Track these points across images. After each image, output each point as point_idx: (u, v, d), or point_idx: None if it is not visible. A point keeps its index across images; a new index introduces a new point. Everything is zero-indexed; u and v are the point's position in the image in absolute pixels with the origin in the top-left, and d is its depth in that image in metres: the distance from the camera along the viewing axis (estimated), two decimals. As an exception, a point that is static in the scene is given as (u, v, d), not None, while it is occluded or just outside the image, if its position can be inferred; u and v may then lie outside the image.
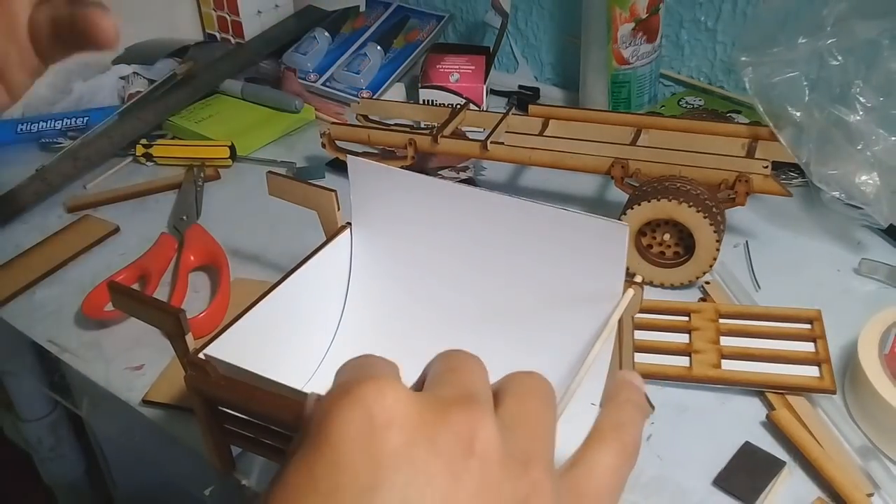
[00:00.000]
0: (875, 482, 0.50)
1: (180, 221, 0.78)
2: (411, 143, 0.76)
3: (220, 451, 0.51)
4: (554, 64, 1.04)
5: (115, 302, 0.50)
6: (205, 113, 0.97)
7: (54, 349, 0.65)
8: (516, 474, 0.25)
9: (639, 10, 0.85)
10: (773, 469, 0.51)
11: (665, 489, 0.50)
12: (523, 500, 0.25)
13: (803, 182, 0.76)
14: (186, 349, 0.47)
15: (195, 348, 0.47)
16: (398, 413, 0.24)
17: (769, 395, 0.55)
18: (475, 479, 0.24)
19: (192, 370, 0.47)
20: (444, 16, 1.05)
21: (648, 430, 0.54)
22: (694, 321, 0.60)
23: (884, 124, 0.63)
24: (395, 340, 0.55)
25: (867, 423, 0.53)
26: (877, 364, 0.54)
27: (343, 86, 1.00)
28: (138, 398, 0.59)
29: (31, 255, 0.75)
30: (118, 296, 0.49)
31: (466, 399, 0.26)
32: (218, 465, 0.52)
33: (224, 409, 0.49)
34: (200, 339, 0.49)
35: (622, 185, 0.70)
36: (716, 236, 0.63)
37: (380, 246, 0.57)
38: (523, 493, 0.25)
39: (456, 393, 0.26)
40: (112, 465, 0.99)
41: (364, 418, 0.24)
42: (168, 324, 0.47)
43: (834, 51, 0.65)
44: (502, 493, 0.24)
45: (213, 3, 1.09)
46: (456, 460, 0.24)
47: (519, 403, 0.28)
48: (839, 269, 0.68)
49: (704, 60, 0.93)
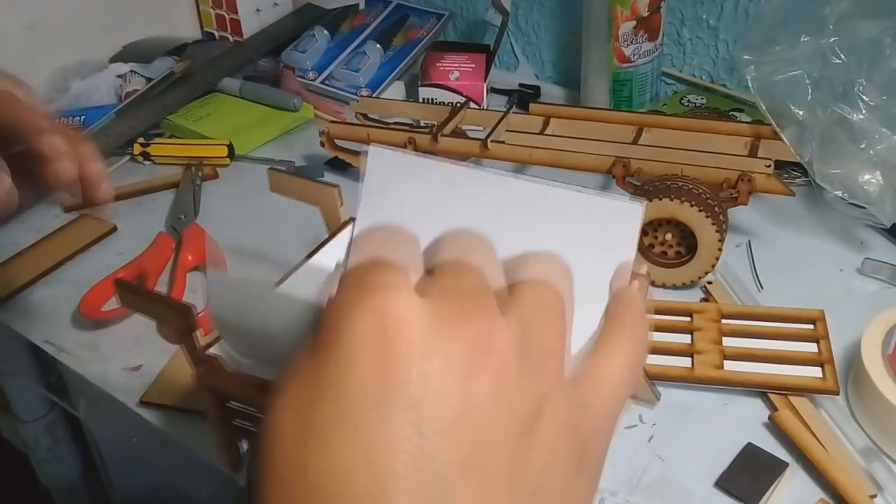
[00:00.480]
0: (878, 484, 0.49)
1: (178, 221, 0.77)
2: (411, 141, 0.76)
3: (228, 449, 0.51)
4: (555, 62, 1.03)
5: (121, 299, 0.50)
6: (203, 111, 0.96)
7: (51, 349, 0.64)
8: (532, 382, 0.24)
9: (640, 8, 0.85)
10: (775, 470, 0.50)
11: (667, 490, 0.50)
12: (537, 408, 0.24)
13: (806, 181, 0.76)
14: (195, 345, 0.47)
15: (204, 344, 0.47)
16: (412, 318, 0.23)
17: (771, 396, 0.55)
18: (490, 384, 0.23)
19: (202, 366, 0.47)
20: (444, 14, 1.05)
21: (650, 431, 0.54)
22: (696, 321, 0.60)
23: (887, 123, 0.63)
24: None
25: (870, 424, 0.53)
26: (880, 364, 0.53)
27: (342, 84, 1.00)
28: (136, 399, 0.59)
29: (28, 254, 0.75)
30: (125, 292, 0.49)
31: (480, 298, 0.25)
32: (226, 465, 0.52)
33: (233, 405, 0.49)
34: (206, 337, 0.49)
35: (623, 184, 0.70)
36: (718, 236, 0.63)
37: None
38: (537, 402, 0.24)
39: (468, 287, 0.25)
40: (109, 466, 0.99)
41: (376, 323, 0.23)
42: (177, 320, 0.47)
43: (837, 49, 0.64)
44: (516, 400, 0.24)
45: (211, 1, 1.09)
46: (471, 366, 0.23)
47: (535, 297, 0.27)
48: (842, 269, 0.68)
49: (707, 59, 0.92)
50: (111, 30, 1.04)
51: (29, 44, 0.98)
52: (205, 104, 0.98)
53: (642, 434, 0.54)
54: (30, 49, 0.98)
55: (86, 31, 1.02)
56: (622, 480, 0.51)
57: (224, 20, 1.09)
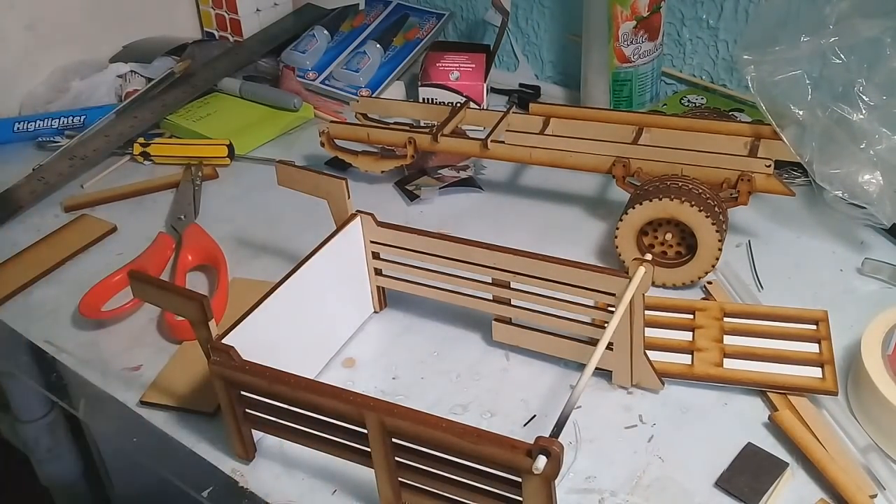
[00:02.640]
0: (879, 483, 0.49)
1: (178, 221, 0.77)
2: (411, 141, 0.76)
3: (242, 439, 0.52)
4: (555, 62, 1.03)
5: (135, 290, 0.50)
6: (203, 111, 0.96)
7: (51, 349, 0.64)
8: None
9: (640, 8, 0.85)
10: (775, 470, 0.50)
11: (667, 490, 0.50)
12: None
13: (806, 181, 0.76)
14: (210, 335, 0.48)
15: (219, 334, 0.48)
16: None
17: (771, 396, 0.55)
18: None
19: (217, 355, 0.48)
20: (444, 14, 1.05)
21: (650, 430, 0.54)
22: (698, 319, 0.60)
23: (887, 123, 0.63)
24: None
25: (870, 423, 0.53)
26: (880, 364, 0.53)
27: (342, 84, 1.00)
28: (136, 399, 0.59)
29: (28, 254, 0.75)
30: (138, 284, 0.50)
31: None
32: (241, 453, 0.52)
33: (247, 394, 0.49)
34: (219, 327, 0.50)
35: (623, 184, 0.70)
36: (718, 236, 0.63)
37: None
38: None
39: None
40: (109, 466, 0.99)
41: None
42: (192, 310, 0.47)
43: (836, 49, 0.64)
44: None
45: (211, 1, 1.09)
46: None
47: None
48: (842, 269, 0.68)
49: (706, 59, 0.92)
50: (111, 30, 1.04)
51: (29, 44, 0.98)
52: (205, 104, 0.98)
53: (642, 434, 0.54)
54: (30, 49, 0.98)
55: (86, 31, 1.02)
56: (622, 480, 0.51)
57: (224, 20, 1.09)
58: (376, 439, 0.45)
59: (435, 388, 0.58)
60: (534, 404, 0.56)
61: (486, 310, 0.60)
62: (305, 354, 0.57)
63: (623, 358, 0.55)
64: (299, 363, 0.54)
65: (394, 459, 0.46)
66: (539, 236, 0.73)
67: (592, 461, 0.52)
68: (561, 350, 0.58)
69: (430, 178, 0.82)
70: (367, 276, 0.63)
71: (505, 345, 0.61)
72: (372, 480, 0.48)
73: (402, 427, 0.44)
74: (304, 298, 0.56)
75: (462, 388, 0.58)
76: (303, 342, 0.57)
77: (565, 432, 0.50)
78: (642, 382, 0.56)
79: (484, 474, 0.43)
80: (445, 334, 0.63)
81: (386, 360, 0.61)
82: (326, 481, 0.51)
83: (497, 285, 0.58)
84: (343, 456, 0.48)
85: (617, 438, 0.54)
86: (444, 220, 0.76)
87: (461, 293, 0.60)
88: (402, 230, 0.59)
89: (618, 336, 0.54)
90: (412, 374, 0.59)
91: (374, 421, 0.44)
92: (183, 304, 0.48)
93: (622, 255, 0.66)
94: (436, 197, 0.80)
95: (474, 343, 0.62)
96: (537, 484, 0.41)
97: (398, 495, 0.47)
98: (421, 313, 0.65)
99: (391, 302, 0.65)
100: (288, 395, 0.47)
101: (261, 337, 0.51)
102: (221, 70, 1.00)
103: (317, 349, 0.59)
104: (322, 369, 0.60)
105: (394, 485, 0.47)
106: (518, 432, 0.54)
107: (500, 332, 0.60)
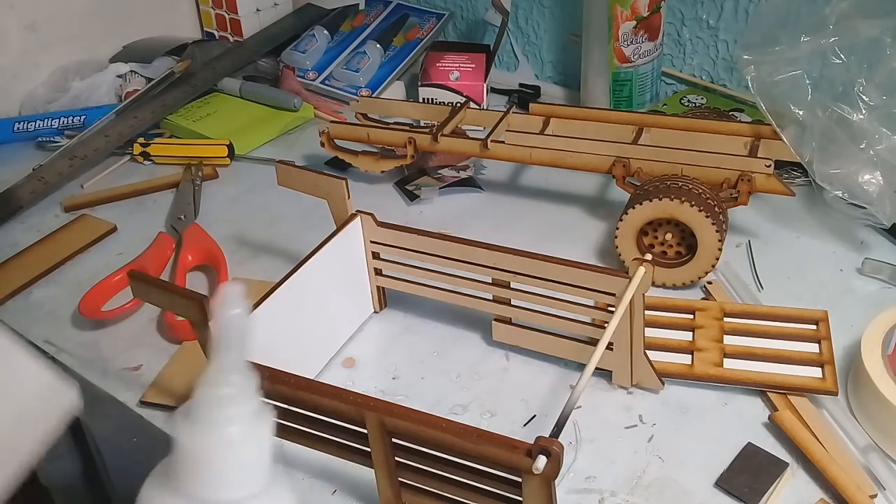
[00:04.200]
0: (879, 483, 0.49)
1: (178, 221, 0.77)
2: (411, 141, 0.76)
3: None
4: (555, 62, 1.03)
5: (134, 290, 0.50)
6: (203, 111, 0.96)
7: (51, 350, 0.64)
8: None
9: (640, 8, 0.85)
10: (775, 470, 0.50)
11: (667, 490, 0.50)
12: None
13: (806, 181, 0.76)
14: (210, 335, 0.47)
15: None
16: None
17: (771, 396, 0.55)
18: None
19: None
20: (444, 14, 1.05)
21: (650, 431, 0.54)
22: (698, 319, 0.60)
23: (887, 123, 0.63)
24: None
25: (870, 423, 0.53)
26: (880, 364, 0.53)
27: (342, 84, 1.00)
28: (136, 399, 0.59)
29: (28, 254, 0.75)
30: (138, 283, 0.49)
31: None
32: None
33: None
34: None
35: (623, 184, 0.70)
36: (718, 236, 0.63)
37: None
38: None
39: None
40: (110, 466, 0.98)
41: None
42: (192, 310, 0.47)
43: (837, 49, 0.64)
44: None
45: (211, 1, 1.09)
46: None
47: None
48: (842, 269, 0.68)
49: (706, 58, 0.92)
50: (111, 30, 1.04)
51: (29, 44, 0.98)
52: (205, 104, 0.98)
53: (642, 434, 0.54)
54: (30, 49, 0.98)
55: (86, 31, 1.02)
56: (622, 480, 0.51)
57: (224, 20, 1.09)
58: (376, 439, 0.45)
59: (435, 388, 0.58)
60: (534, 404, 0.56)
61: (486, 310, 0.60)
62: (305, 354, 0.57)
63: (623, 358, 0.55)
64: (299, 363, 0.54)
65: (394, 459, 0.46)
66: (539, 236, 0.73)
67: (592, 461, 0.52)
68: (561, 350, 0.58)
69: (430, 178, 0.82)
70: (367, 276, 0.63)
71: (505, 345, 0.61)
72: (372, 480, 0.48)
73: (402, 427, 0.44)
74: (304, 298, 0.56)
75: (462, 388, 0.58)
76: (303, 342, 0.56)
77: (565, 432, 0.50)
78: (642, 382, 0.56)
79: (484, 474, 0.43)
80: (445, 334, 0.63)
81: (386, 360, 0.61)
82: (326, 481, 0.52)
83: (497, 285, 0.58)
84: (343, 456, 0.48)
85: (617, 438, 0.54)
86: (444, 220, 0.76)
87: (461, 293, 0.60)
88: (402, 230, 0.59)
89: (618, 336, 0.54)
90: (412, 374, 0.59)
91: (374, 421, 0.44)
92: (183, 304, 0.48)
93: (622, 255, 0.66)
94: (436, 197, 0.80)
95: (474, 343, 0.62)
96: (537, 484, 0.41)
97: (398, 495, 0.47)
98: (421, 313, 0.65)
99: (391, 302, 0.65)
100: (288, 394, 0.47)
101: (261, 337, 0.51)
102: (221, 70, 1.00)
103: (317, 349, 0.59)
104: (322, 369, 0.60)
105: (394, 485, 0.47)
106: (518, 432, 0.54)
107: (500, 332, 0.60)
